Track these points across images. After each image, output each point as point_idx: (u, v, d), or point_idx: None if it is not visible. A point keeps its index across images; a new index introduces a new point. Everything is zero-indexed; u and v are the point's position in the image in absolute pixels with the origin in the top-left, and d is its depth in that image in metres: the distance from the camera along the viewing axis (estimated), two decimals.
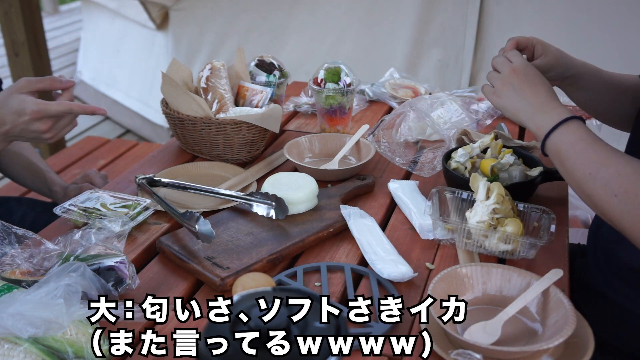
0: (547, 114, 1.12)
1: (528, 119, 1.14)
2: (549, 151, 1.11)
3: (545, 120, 1.11)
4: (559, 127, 1.09)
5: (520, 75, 1.18)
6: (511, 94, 1.17)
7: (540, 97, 1.15)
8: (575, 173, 1.06)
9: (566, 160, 1.07)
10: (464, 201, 1.25)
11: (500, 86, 1.19)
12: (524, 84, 1.16)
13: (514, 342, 0.95)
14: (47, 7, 7.85)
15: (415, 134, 1.66)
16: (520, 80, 1.17)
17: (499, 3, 2.77)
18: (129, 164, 2.60)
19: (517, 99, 1.16)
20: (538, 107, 1.14)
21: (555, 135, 1.09)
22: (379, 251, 1.16)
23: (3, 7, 3.24)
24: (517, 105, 1.16)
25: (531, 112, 1.14)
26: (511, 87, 1.17)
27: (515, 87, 1.17)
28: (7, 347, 0.84)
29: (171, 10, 3.66)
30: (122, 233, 1.13)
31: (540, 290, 0.99)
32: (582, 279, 1.32)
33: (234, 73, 1.68)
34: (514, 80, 1.17)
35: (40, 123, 1.24)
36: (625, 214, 1.00)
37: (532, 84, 1.16)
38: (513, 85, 1.17)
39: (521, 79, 1.17)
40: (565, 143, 1.08)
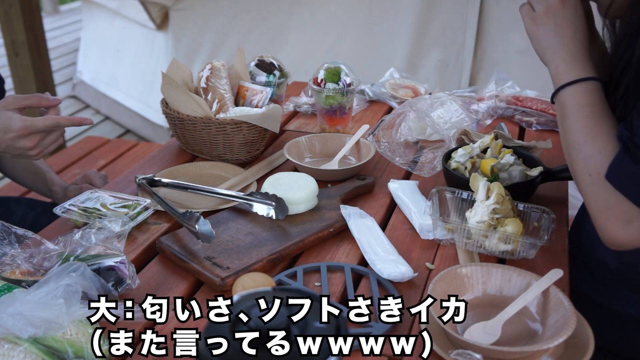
0: (572, 64, 1.08)
1: (553, 60, 1.09)
2: (557, 102, 1.09)
3: (568, 71, 1.07)
4: (576, 83, 1.06)
5: (567, 12, 1.09)
6: (549, 27, 1.09)
7: (576, 44, 1.09)
8: (567, 136, 1.06)
9: (567, 119, 1.06)
10: (464, 201, 1.25)
11: (543, 13, 1.10)
12: (567, 23, 1.09)
13: (514, 342, 0.95)
14: (47, 7, 7.85)
15: (415, 134, 1.66)
16: (564, 17, 1.09)
17: (499, 3, 2.77)
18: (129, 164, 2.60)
19: (553, 35, 1.09)
20: (569, 53, 1.08)
21: (569, 89, 1.06)
22: (379, 251, 1.16)
23: (3, 7, 3.24)
24: (550, 42, 1.09)
25: (559, 55, 1.09)
26: (553, 19, 1.09)
27: (557, 22, 1.09)
28: (7, 347, 0.84)
29: (171, 10, 3.66)
30: (122, 233, 1.13)
31: (540, 290, 0.99)
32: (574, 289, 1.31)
33: (234, 73, 1.68)
34: (559, 14, 1.09)
35: (26, 140, 1.23)
36: (592, 196, 1.01)
37: (574, 27, 1.09)
38: (556, 18, 1.09)
39: (566, 17, 1.09)
40: (573, 102, 1.06)
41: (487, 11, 2.80)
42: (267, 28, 3.40)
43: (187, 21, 3.67)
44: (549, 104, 1.79)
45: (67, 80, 5.39)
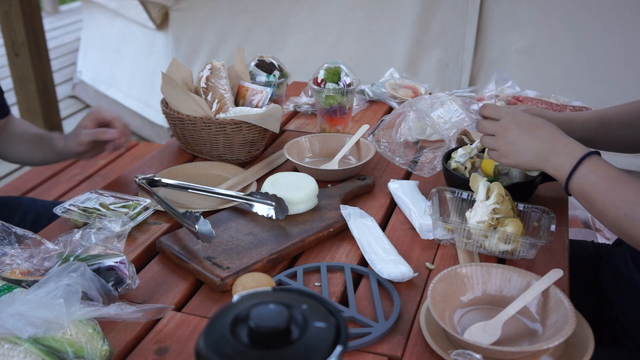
0: (560, 155, 1.08)
1: (543, 165, 1.10)
2: (574, 193, 1.07)
3: (562, 162, 1.07)
4: (578, 168, 1.04)
5: (512, 129, 1.12)
6: (515, 150, 1.12)
7: (544, 141, 1.09)
8: (607, 215, 1.02)
9: (595, 202, 1.03)
10: (464, 201, 1.25)
11: (501, 147, 1.13)
12: (522, 135, 1.11)
13: (514, 342, 0.95)
14: (47, 7, 7.84)
15: (415, 134, 1.66)
16: (515, 133, 1.11)
17: (499, 3, 2.77)
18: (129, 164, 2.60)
19: (524, 152, 1.11)
20: (548, 151, 1.09)
21: (577, 176, 1.05)
22: (379, 251, 1.16)
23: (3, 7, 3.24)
24: (527, 158, 1.11)
25: (544, 158, 1.09)
26: (510, 143, 1.12)
27: (514, 142, 1.12)
28: (7, 347, 0.84)
29: (171, 10, 3.66)
30: (122, 233, 1.13)
31: (540, 290, 0.99)
32: (617, 267, 1.32)
33: (234, 73, 1.68)
34: (509, 135, 1.12)
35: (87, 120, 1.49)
36: None
37: (529, 131, 1.11)
38: (511, 141, 1.12)
39: (515, 132, 1.12)
40: (590, 184, 1.03)
41: (487, 11, 2.80)
42: (267, 28, 3.40)
43: (187, 21, 3.67)
44: (549, 104, 1.79)
45: (67, 80, 5.39)
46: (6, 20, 3.28)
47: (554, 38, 2.74)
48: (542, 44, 2.77)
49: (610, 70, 2.66)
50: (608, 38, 2.63)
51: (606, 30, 2.63)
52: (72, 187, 2.44)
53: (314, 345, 0.59)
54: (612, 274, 1.33)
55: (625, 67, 2.64)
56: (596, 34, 2.65)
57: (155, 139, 4.13)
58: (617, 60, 2.65)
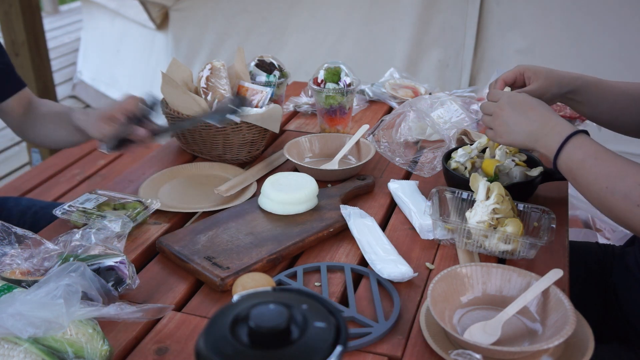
0: (549, 134, 1.13)
1: (534, 145, 1.15)
2: (562, 170, 1.12)
3: (550, 141, 1.12)
4: (565, 145, 1.09)
5: (507, 110, 1.19)
6: (508, 130, 1.18)
7: (535, 122, 1.15)
8: (590, 188, 1.06)
9: (579, 177, 1.08)
10: (464, 201, 1.25)
11: (497, 126, 1.20)
12: (515, 116, 1.18)
13: (514, 342, 0.95)
14: (47, 7, 7.84)
15: (415, 134, 1.66)
16: (509, 114, 1.18)
17: (499, 3, 2.77)
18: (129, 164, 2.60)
19: (516, 132, 1.17)
20: (538, 131, 1.14)
21: (564, 154, 1.10)
22: (379, 251, 1.16)
23: (3, 7, 3.24)
24: (519, 138, 1.17)
25: (534, 138, 1.15)
26: (504, 123, 1.18)
27: (508, 122, 1.18)
28: (7, 347, 0.84)
29: (171, 10, 3.66)
30: (122, 233, 1.13)
31: (540, 290, 0.99)
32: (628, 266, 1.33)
33: (234, 73, 1.68)
34: (504, 116, 1.18)
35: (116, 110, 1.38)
36: None
37: (522, 112, 1.17)
38: (505, 121, 1.18)
39: (509, 113, 1.18)
40: (575, 160, 1.08)
41: (487, 11, 2.80)
42: (267, 28, 3.40)
43: (187, 21, 3.67)
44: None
45: (67, 80, 5.39)
46: (6, 20, 3.27)
47: (554, 38, 2.74)
48: (542, 44, 2.77)
49: (610, 70, 2.66)
50: (608, 38, 2.63)
51: (606, 30, 2.63)
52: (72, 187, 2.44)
53: (314, 345, 0.59)
54: (623, 273, 1.33)
55: (625, 67, 2.64)
56: (596, 33, 2.65)
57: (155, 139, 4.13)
58: (617, 60, 2.65)
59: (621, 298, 1.34)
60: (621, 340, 1.30)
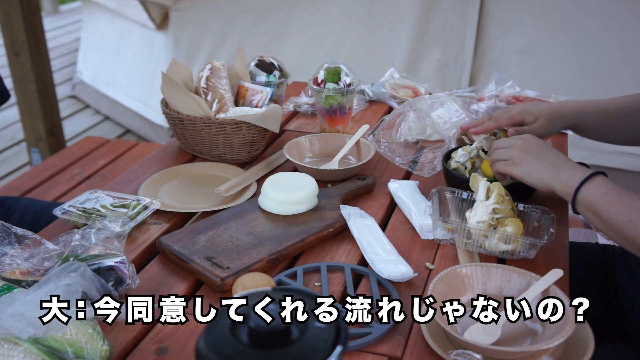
0: (571, 170, 1.14)
1: (553, 178, 1.16)
2: (580, 205, 1.11)
3: (572, 176, 1.13)
4: (588, 181, 1.10)
5: (533, 144, 1.22)
6: (531, 160, 1.19)
7: (560, 158, 1.18)
8: (613, 222, 1.06)
9: (601, 211, 1.08)
10: (464, 201, 1.25)
11: (518, 155, 1.21)
12: (541, 149, 1.20)
13: (514, 342, 0.95)
14: (47, 7, 7.84)
15: (415, 134, 1.66)
16: (535, 147, 1.21)
17: (499, 3, 2.77)
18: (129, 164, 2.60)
19: (538, 162, 1.18)
20: (560, 165, 1.16)
21: (585, 188, 1.10)
22: (379, 251, 1.16)
23: (3, 7, 3.24)
24: (539, 168, 1.18)
25: (555, 171, 1.16)
26: (529, 153, 1.20)
27: (533, 153, 1.20)
28: (7, 347, 0.84)
29: (171, 10, 3.66)
30: (122, 233, 1.13)
31: (540, 290, 0.99)
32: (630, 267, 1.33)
33: (234, 73, 1.68)
34: (529, 148, 1.21)
35: None
36: None
37: (548, 149, 1.21)
38: (530, 152, 1.20)
39: (535, 146, 1.21)
40: (597, 194, 1.09)
41: (487, 11, 2.80)
42: (267, 28, 3.40)
43: (187, 21, 3.67)
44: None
45: (67, 80, 5.39)
46: (6, 20, 3.27)
47: (554, 38, 2.74)
48: (542, 44, 2.77)
49: (610, 70, 2.66)
50: (607, 38, 2.63)
51: (606, 31, 2.63)
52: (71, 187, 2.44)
53: (314, 345, 0.59)
54: (625, 273, 1.34)
55: (625, 67, 2.64)
56: (596, 34, 2.65)
57: (155, 139, 4.14)
58: (617, 60, 2.65)
59: (622, 298, 1.34)
60: (621, 340, 1.30)
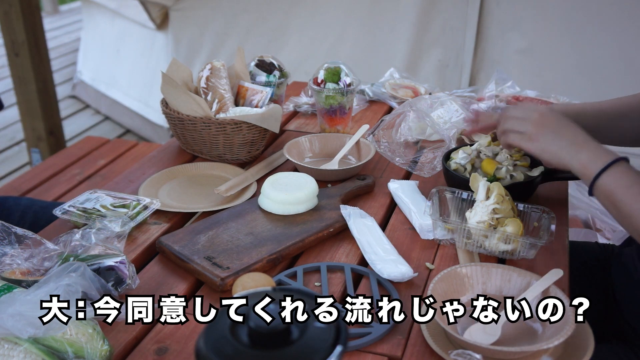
0: (592, 152, 1.06)
1: (572, 157, 1.08)
2: (599, 192, 1.04)
3: (593, 159, 1.05)
4: (610, 168, 1.03)
5: (552, 118, 1.13)
6: (549, 136, 1.11)
7: (580, 135, 1.10)
8: (634, 219, 1.00)
9: (621, 203, 1.01)
10: (464, 201, 1.25)
11: (535, 129, 1.13)
12: (560, 125, 1.12)
13: (514, 342, 0.95)
14: (47, 7, 7.84)
15: (415, 134, 1.66)
16: (553, 122, 1.12)
17: (499, 3, 2.77)
18: (129, 164, 2.59)
19: (557, 139, 1.10)
20: (581, 144, 1.08)
21: (607, 176, 1.03)
22: (379, 251, 1.16)
23: (3, 7, 3.24)
24: (557, 144, 1.10)
25: (575, 149, 1.08)
26: (547, 128, 1.11)
27: (551, 129, 1.11)
28: (7, 347, 0.84)
29: (171, 10, 3.66)
30: (122, 233, 1.13)
31: (540, 290, 0.99)
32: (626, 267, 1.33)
33: (234, 73, 1.68)
34: (548, 122, 1.12)
35: None
36: None
37: (567, 125, 1.12)
38: (548, 127, 1.11)
39: (554, 121, 1.12)
40: (620, 185, 1.01)
41: (487, 11, 2.80)
42: (267, 28, 3.40)
43: (187, 21, 3.67)
44: (549, 104, 1.79)
45: (67, 80, 5.39)
46: (6, 20, 3.27)
47: (554, 38, 2.74)
48: (542, 44, 2.77)
49: (610, 70, 2.66)
50: (608, 38, 2.63)
51: (606, 31, 2.63)
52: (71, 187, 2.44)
53: (314, 345, 0.59)
54: (621, 273, 1.33)
55: (625, 67, 2.64)
56: (596, 34, 2.65)
57: (155, 139, 4.14)
58: (617, 60, 2.65)
59: (619, 297, 1.34)
60: (620, 340, 1.30)
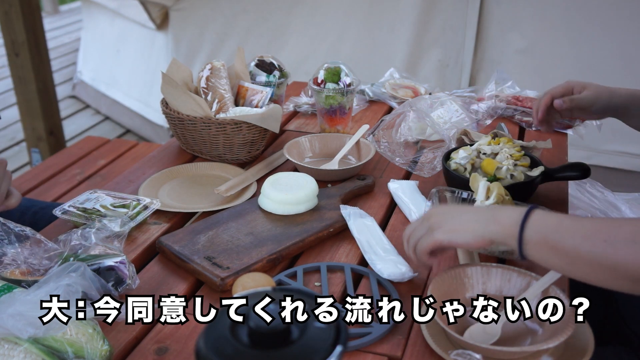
0: (503, 210, 0.97)
1: (487, 224, 0.95)
2: (532, 244, 0.90)
3: (509, 215, 0.93)
4: (530, 215, 0.91)
5: (443, 207, 1.09)
6: (451, 217, 0.99)
7: (480, 208, 1.02)
8: (581, 251, 0.85)
9: (562, 243, 0.88)
10: (464, 201, 1.25)
11: (433, 221, 0.99)
12: (457, 207, 1.06)
13: (514, 342, 0.95)
14: (47, 7, 7.84)
15: (415, 134, 1.66)
16: (447, 208, 1.06)
17: (499, 3, 2.77)
18: (129, 164, 2.59)
19: (462, 216, 0.99)
20: (486, 211, 0.98)
21: (532, 223, 0.90)
22: (379, 251, 1.16)
23: (3, 7, 3.24)
24: (465, 221, 0.97)
25: (484, 217, 0.96)
26: (444, 215, 1.00)
27: (451, 212, 1.01)
28: (7, 347, 0.84)
29: (171, 10, 3.66)
30: (122, 233, 1.13)
31: (540, 290, 0.99)
32: None
33: (234, 73, 1.68)
34: (441, 211, 1.03)
35: None
36: None
37: (463, 206, 1.07)
38: (444, 213, 1.01)
39: (447, 208, 1.07)
40: (549, 225, 0.90)
41: (487, 11, 2.80)
42: (267, 28, 3.40)
43: (187, 21, 3.67)
44: None
45: (67, 80, 5.39)
46: (6, 20, 3.27)
47: (554, 38, 2.74)
48: (542, 44, 2.77)
49: (610, 70, 2.66)
50: (608, 38, 2.63)
51: (606, 30, 2.63)
52: (72, 187, 2.44)
53: (314, 345, 0.59)
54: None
55: (625, 67, 2.64)
56: (596, 33, 2.65)
57: (155, 139, 4.14)
58: (617, 60, 2.65)
59: (619, 300, 1.34)
60: (621, 342, 1.30)
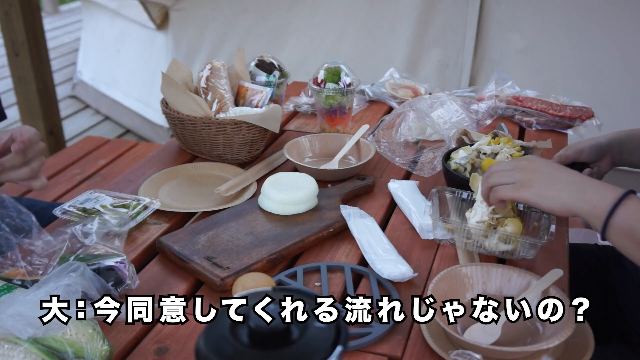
0: (597, 188, 0.95)
1: (576, 197, 0.95)
2: (615, 231, 0.91)
3: (601, 196, 0.93)
4: (622, 203, 0.91)
5: (541, 162, 1.03)
6: (543, 179, 0.99)
7: (577, 175, 0.98)
8: None
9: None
10: (464, 201, 1.25)
11: (526, 176, 1.01)
12: (552, 167, 1.01)
13: (514, 342, 0.95)
14: (47, 7, 7.84)
15: (415, 134, 1.66)
16: (544, 166, 1.02)
17: (499, 3, 2.77)
18: (129, 164, 2.59)
19: (554, 181, 0.98)
20: (581, 183, 0.96)
21: (622, 210, 0.90)
22: (379, 251, 1.16)
23: (3, 7, 3.24)
24: (555, 187, 0.97)
25: (576, 189, 0.96)
26: (539, 172, 1.00)
27: (544, 172, 1.00)
28: (7, 347, 0.84)
29: (171, 10, 3.66)
30: (122, 233, 1.13)
31: (540, 290, 0.99)
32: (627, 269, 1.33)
33: (234, 73, 1.68)
34: (538, 167, 1.01)
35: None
36: None
37: (559, 167, 1.01)
38: (540, 171, 1.00)
39: (544, 165, 1.02)
40: (638, 219, 0.89)
41: (487, 11, 2.80)
42: (267, 28, 3.40)
43: (187, 21, 3.67)
44: (549, 104, 1.79)
45: (67, 80, 5.39)
46: (6, 20, 3.27)
47: (554, 38, 2.74)
48: (542, 44, 2.77)
49: (610, 70, 2.66)
50: (607, 38, 2.63)
51: (606, 30, 2.63)
52: (72, 187, 2.44)
53: (314, 345, 0.59)
54: (622, 275, 1.34)
55: (625, 67, 2.64)
56: (596, 33, 2.65)
57: (155, 139, 4.14)
58: (617, 60, 2.65)
59: (620, 298, 1.34)
60: (621, 341, 1.31)
